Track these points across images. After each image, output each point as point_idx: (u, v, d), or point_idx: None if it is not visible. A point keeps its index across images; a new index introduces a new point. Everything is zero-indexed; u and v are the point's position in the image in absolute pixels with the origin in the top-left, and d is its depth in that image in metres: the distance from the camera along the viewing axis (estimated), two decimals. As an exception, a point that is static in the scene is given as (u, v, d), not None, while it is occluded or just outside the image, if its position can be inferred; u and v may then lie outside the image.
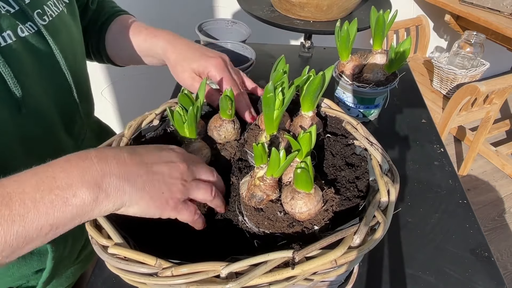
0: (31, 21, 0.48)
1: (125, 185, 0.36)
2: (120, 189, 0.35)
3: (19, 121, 0.47)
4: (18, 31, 0.46)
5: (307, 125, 0.50)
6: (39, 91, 0.50)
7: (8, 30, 0.44)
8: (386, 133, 0.84)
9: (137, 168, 0.37)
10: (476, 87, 1.52)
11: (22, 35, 0.46)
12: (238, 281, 0.33)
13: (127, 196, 0.36)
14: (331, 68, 0.50)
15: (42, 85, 0.50)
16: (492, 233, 1.73)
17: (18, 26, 0.46)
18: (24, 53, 0.47)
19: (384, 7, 1.05)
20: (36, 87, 0.49)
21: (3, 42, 0.44)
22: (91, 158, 0.35)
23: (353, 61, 0.72)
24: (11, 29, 0.45)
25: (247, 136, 0.52)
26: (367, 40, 2.17)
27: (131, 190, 0.36)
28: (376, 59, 0.71)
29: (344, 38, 0.67)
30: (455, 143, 2.19)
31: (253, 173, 0.43)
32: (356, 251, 0.35)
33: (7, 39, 0.44)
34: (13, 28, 0.45)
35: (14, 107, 0.46)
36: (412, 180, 0.72)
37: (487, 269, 0.57)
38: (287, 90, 0.46)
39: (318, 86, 0.46)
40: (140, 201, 0.37)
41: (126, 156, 0.37)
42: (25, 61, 0.47)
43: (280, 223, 0.41)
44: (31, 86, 0.48)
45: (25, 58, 0.47)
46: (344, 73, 0.73)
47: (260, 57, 1.00)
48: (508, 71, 2.73)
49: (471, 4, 1.80)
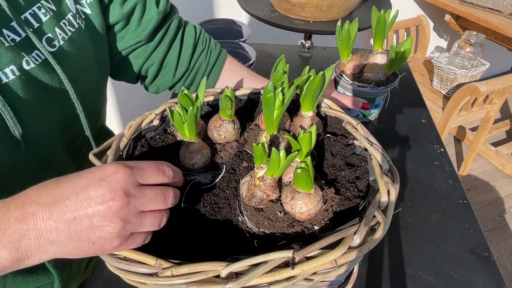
0: (38, 50, 0.45)
1: (46, 245, 0.33)
2: (40, 249, 0.33)
3: (18, 157, 0.45)
4: (23, 64, 0.43)
5: (307, 125, 0.50)
6: (42, 124, 0.48)
7: (11, 65, 0.42)
8: (386, 133, 0.84)
9: (57, 224, 0.33)
10: (476, 87, 1.52)
11: (27, 68, 0.44)
12: (238, 281, 0.33)
13: (52, 253, 0.34)
14: (331, 68, 0.50)
15: (45, 117, 0.48)
16: (492, 233, 1.73)
17: (24, 59, 0.43)
18: (28, 86, 0.44)
19: (384, 7, 1.05)
20: (38, 120, 0.47)
21: (5, 78, 0.41)
22: (9, 217, 0.33)
23: (353, 61, 0.72)
24: (14, 63, 0.42)
25: (247, 136, 0.52)
26: (367, 40, 2.17)
27: (53, 249, 0.33)
28: (376, 59, 0.71)
29: (345, 37, 0.67)
30: (455, 143, 2.19)
31: (253, 173, 0.43)
32: (356, 251, 0.35)
33: (9, 75, 0.42)
34: (18, 62, 0.42)
35: (13, 145, 0.44)
36: (412, 180, 0.72)
37: (487, 269, 0.57)
38: (287, 90, 0.46)
39: (318, 86, 0.46)
40: (68, 255, 0.34)
41: (44, 211, 0.33)
42: (27, 95, 0.44)
43: (280, 223, 0.41)
44: (32, 121, 0.46)
45: (28, 91, 0.44)
46: (344, 73, 0.73)
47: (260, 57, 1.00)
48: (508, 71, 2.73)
49: (471, 4, 1.80)
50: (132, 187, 0.35)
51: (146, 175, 0.37)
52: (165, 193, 0.37)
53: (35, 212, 0.33)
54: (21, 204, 0.33)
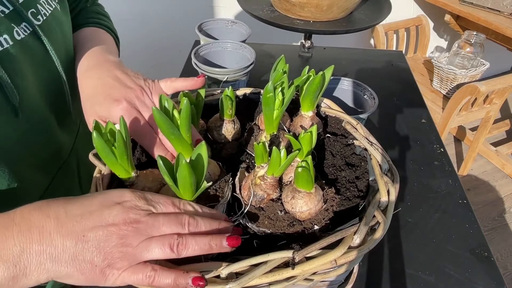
0: (26, 22, 0.47)
1: (47, 262, 0.31)
2: (41, 267, 0.31)
3: (16, 125, 0.46)
4: (15, 34, 0.45)
5: (307, 125, 0.50)
6: (36, 94, 0.49)
7: (5, 34, 0.44)
8: (386, 133, 0.84)
9: (63, 240, 0.31)
10: (476, 87, 1.52)
11: (19, 38, 0.46)
12: (238, 281, 0.33)
13: (52, 273, 0.31)
14: (331, 68, 0.50)
15: (38, 87, 0.50)
16: (492, 233, 1.73)
17: (14, 29, 0.45)
18: (21, 56, 0.46)
19: (384, 7, 1.06)
20: (32, 90, 0.49)
21: (0, 47, 0.43)
22: (12, 228, 0.31)
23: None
24: (7, 33, 0.44)
25: (247, 136, 0.52)
26: (367, 40, 2.17)
27: (54, 268, 0.31)
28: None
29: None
30: (455, 143, 2.19)
31: (253, 172, 0.43)
32: (356, 251, 0.35)
33: (3, 43, 0.43)
34: (10, 31, 0.44)
35: (11, 113, 0.45)
36: (412, 180, 0.72)
37: (487, 269, 0.57)
38: (287, 90, 0.46)
39: (318, 86, 0.46)
40: (67, 278, 0.32)
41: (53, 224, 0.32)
42: (22, 65, 0.46)
43: (280, 223, 0.41)
44: (28, 90, 0.47)
45: (22, 61, 0.46)
46: None
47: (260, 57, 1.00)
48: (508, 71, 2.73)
49: (471, 4, 1.80)
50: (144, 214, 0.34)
51: (160, 208, 0.35)
52: (179, 218, 0.35)
53: (42, 224, 0.31)
54: (28, 216, 0.32)
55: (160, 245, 0.33)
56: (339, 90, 0.79)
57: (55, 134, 0.56)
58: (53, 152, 0.56)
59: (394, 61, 1.13)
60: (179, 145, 0.40)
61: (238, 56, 0.87)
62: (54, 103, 0.54)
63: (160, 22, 1.70)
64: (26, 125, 0.48)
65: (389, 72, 1.08)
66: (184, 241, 0.33)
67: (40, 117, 0.51)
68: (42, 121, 0.52)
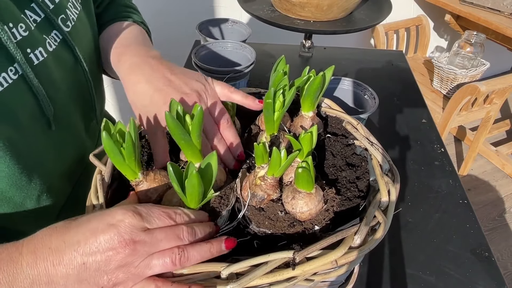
0: (56, 29, 0.46)
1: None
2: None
3: (49, 137, 0.47)
4: (47, 46, 0.45)
5: (307, 125, 0.50)
6: (67, 104, 0.49)
7: (40, 47, 0.43)
8: (386, 133, 0.84)
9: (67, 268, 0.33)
10: (476, 87, 1.52)
11: (51, 49, 0.45)
12: (239, 281, 0.33)
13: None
14: (332, 68, 0.50)
15: (69, 96, 0.49)
16: (492, 233, 1.73)
17: (46, 40, 0.45)
18: (55, 67, 0.46)
19: (384, 7, 1.05)
20: (64, 100, 0.48)
21: (36, 60, 0.43)
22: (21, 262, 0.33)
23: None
24: (41, 45, 0.44)
25: (247, 137, 0.52)
26: (367, 40, 2.17)
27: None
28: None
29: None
30: (455, 143, 2.19)
31: (254, 172, 0.43)
32: (356, 251, 0.35)
33: (39, 56, 0.43)
34: (43, 43, 0.44)
35: (45, 125, 0.45)
36: (412, 180, 0.72)
37: (487, 269, 0.57)
38: (287, 92, 0.46)
39: (319, 86, 0.46)
40: None
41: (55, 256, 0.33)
42: (55, 75, 0.46)
43: (281, 223, 0.41)
44: (60, 101, 0.47)
45: (56, 72, 0.46)
46: None
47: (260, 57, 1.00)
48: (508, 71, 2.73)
49: (471, 4, 1.80)
50: (139, 232, 0.34)
51: (156, 222, 0.36)
52: (176, 231, 0.35)
53: (46, 257, 0.33)
54: (33, 249, 0.33)
55: (162, 261, 0.34)
56: (339, 90, 0.79)
57: (83, 141, 0.55)
58: (79, 159, 0.55)
59: (394, 61, 1.13)
60: (189, 151, 0.40)
61: (238, 56, 0.87)
62: (82, 110, 0.54)
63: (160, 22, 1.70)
64: (58, 136, 0.48)
65: (389, 72, 1.08)
66: (186, 253, 0.34)
67: (70, 127, 0.51)
68: (72, 130, 0.51)
